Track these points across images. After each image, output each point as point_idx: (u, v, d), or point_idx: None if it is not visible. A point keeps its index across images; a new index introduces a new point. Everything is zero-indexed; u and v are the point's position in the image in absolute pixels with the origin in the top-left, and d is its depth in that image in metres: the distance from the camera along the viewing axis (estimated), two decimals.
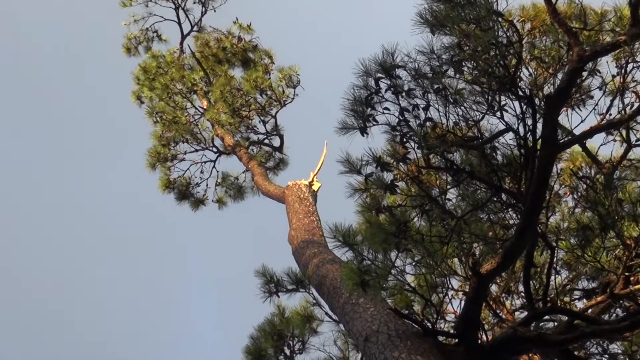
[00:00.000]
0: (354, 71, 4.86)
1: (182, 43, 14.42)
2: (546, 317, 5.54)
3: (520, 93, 4.60)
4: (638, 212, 4.79)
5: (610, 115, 5.72)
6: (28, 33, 23.34)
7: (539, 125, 4.48)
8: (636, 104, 5.69)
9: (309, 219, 8.72)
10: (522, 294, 6.55)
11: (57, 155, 24.13)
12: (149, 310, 22.46)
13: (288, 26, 22.29)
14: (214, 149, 12.99)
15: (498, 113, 4.66)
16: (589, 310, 5.33)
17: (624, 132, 6.19)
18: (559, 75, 5.23)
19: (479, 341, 5.33)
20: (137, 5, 14.18)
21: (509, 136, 4.71)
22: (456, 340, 5.26)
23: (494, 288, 6.88)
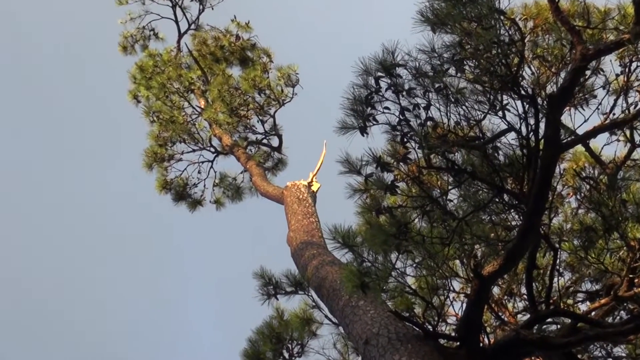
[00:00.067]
0: (354, 70, 4.87)
1: (179, 41, 14.43)
2: (549, 320, 5.54)
3: (522, 92, 4.60)
4: None
5: (613, 114, 5.73)
6: (28, 33, 23.56)
7: (542, 125, 4.48)
8: None
9: (308, 220, 8.72)
10: (525, 296, 6.54)
11: (57, 155, 24.39)
12: (148, 310, 22.61)
13: (286, 24, 22.38)
14: (212, 149, 12.99)
15: (500, 112, 4.66)
16: (593, 312, 5.34)
17: (628, 132, 6.19)
18: (562, 74, 5.23)
19: (481, 344, 5.34)
20: (134, 3, 14.22)
21: (511, 136, 4.72)
22: (458, 343, 5.26)
23: (496, 290, 6.88)
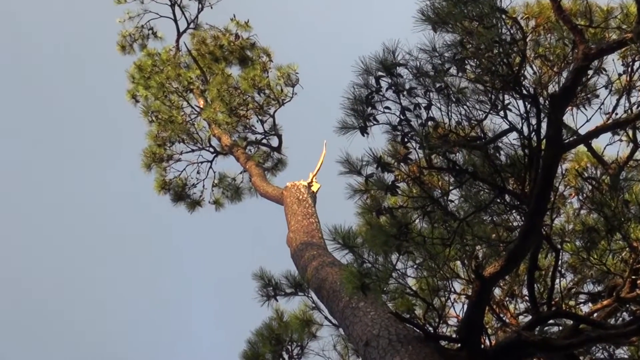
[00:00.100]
0: (354, 69, 4.87)
1: (178, 41, 14.43)
2: (551, 321, 5.54)
3: (524, 92, 4.60)
4: None
5: (616, 114, 5.72)
6: (28, 33, 23.67)
7: (544, 124, 4.48)
8: None
9: (308, 221, 8.72)
10: (526, 298, 6.54)
11: (57, 155, 24.51)
12: (148, 310, 22.70)
13: (286, 23, 22.41)
14: (211, 149, 12.99)
15: (501, 112, 4.66)
16: (595, 314, 5.34)
17: (631, 132, 6.19)
18: (564, 73, 5.22)
19: (482, 346, 5.33)
20: (132, 1, 14.23)
21: (513, 136, 4.72)
22: (459, 345, 5.26)
23: (498, 291, 6.87)
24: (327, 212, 9.06)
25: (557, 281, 5.67)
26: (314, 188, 9.91)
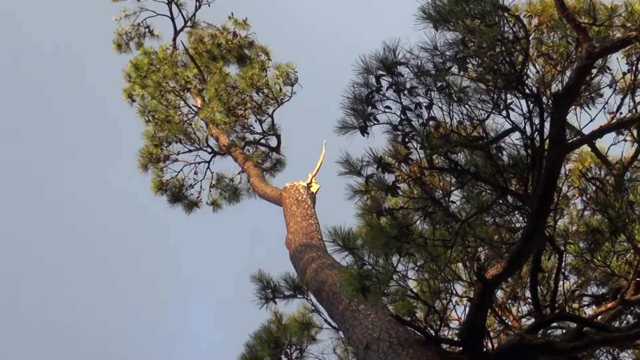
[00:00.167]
0: (354, 68, 4.87)
1: (175, 39, 14.44)
2: (554, 324, 5.55)
3: (527, 91, 4.60)
4: None
5: (620, 114, 5.72)
6: (28, 33, 23.83)
7: (547, 124, 4.48)
8: None
9: (307, 222, 8.73)
10: (529, 300, 6.53)
11: (57, 155, 24.68)
12: (146, 311, 22.83)
13: (285, 21, 22.43)
14: (209, 150, 13.01)
15: (504, 112, 4.66)
16: (599, 317, 5.33)
17: (635, 132, 6.19)
18: (568, 72, 5.22)
19: (484, 349, 5.33)
20: None
21: (516, 136, 4.72)
22: (460, 348, 5.26)
23: (500, 294, 6.87)
24: (327, 213, 9.08)
25: (561, 283, 5.68)
26: (314, 189, 9.91)
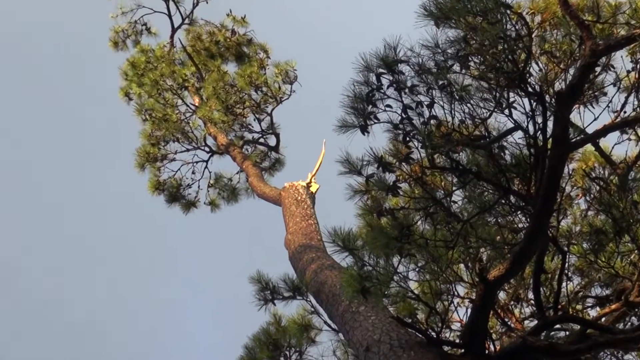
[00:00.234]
0: (355, 66, 4.87)
1: (173, 36, 14.44)
2: (557, 326, 5.54)
3: (529, 89, 4.60)
4: None
5: (624, 112, 5.72)
6: (28, 33, 23.88)
7: (550, 123, 4.48)
8: None
9: (307, 222, 8.73)
10: (532, 302, 6.54)
11: (57, 155, 24.79)
12: (144, 311, 22.95)
13: (284, 19, 22.42)
14: (206, 149, 13.00)
15: (506, 110, 4.67)
16: (603, 318, 5.34)
17: (639, 131, 6.20)
18: (571, 70, 5.23)
19: (486, 351, 5.34)
20: None
21: (518, 135, 4.72)
22: (462, 350, 5.26)
23: (502, 295, 6.88)
24: (327, 214, 9.09)
25: (564, 284, 5.68)
26: (313, 188, 9.91)
